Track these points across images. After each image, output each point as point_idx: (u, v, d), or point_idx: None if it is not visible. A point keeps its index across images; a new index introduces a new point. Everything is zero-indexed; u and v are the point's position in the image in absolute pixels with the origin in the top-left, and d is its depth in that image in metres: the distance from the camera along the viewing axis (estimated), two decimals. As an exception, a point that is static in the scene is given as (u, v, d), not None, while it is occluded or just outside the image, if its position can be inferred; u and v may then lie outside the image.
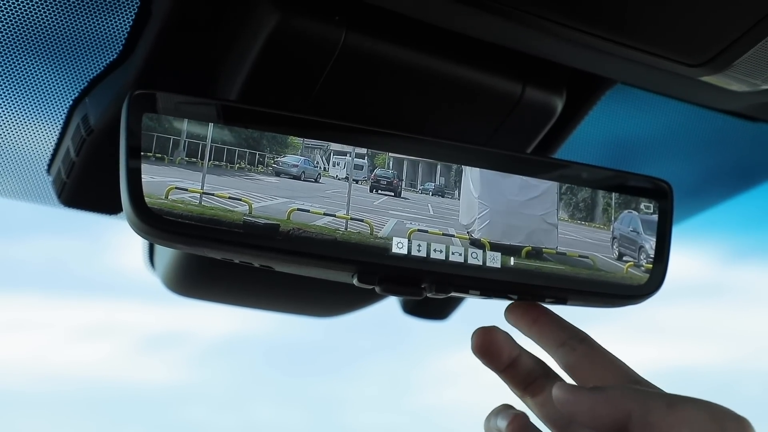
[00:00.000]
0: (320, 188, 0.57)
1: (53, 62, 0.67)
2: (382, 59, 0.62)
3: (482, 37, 0.63)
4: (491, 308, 0.65)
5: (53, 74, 0.68)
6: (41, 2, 0.62)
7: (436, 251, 0.57)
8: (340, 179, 0.58)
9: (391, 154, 0.59)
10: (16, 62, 0.67)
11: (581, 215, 0.62)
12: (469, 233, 0.59)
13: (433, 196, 0.60)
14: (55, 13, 0.63)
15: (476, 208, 0.59)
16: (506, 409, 0.56)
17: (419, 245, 0.57)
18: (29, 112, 0.72)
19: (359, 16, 0.60)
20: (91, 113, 0.68)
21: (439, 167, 0.60)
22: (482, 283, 0.58)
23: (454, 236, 0.58)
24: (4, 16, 0.62)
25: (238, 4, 0.61)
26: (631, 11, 0.58)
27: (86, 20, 0.64)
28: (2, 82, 0.68)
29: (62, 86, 0.69)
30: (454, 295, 0.59)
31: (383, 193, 0.58)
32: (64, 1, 0.62)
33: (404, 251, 0.56)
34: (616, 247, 0.62)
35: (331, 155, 0.58)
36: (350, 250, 0.55)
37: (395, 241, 0.56)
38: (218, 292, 0.90)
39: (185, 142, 0.54)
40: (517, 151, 0.69)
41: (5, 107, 0.71)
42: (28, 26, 0.63)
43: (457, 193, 0.60)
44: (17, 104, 0.71)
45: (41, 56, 0.66)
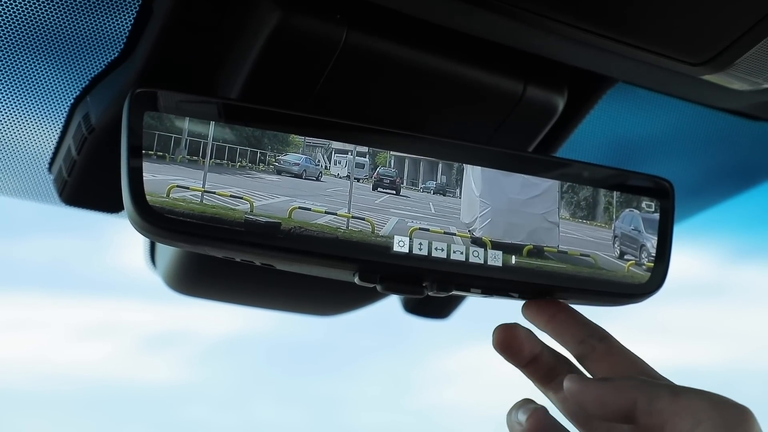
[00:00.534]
0: (321, 187, 0.57)
1: (55, 60, 0.67)
2: (383, 58, 0.62)
3: (484, 35, 0.63)
4: (492, 307, 0.65)
5: (55, 72, 0.68)
6: (43, 0, 0.62)
7: (437, 250, 0.57)
8: (341, 178, 0.58)
9: (392, 152, 0.59)
10: (17, 60, 0.67)
11: (582, 214, 0.62)
12: (470, 231, 0.59)
13: (434, 194, 0.60)
14: (56, 11, 0.63)
15: (477, 206, 0.59)
16: (527, 403, 0.56)
17: (420, 244, 0.57)
18: (30, 110, 0.72)
19: (360, 14, 0.60)
20: (92, 111, 0.68)
21: (440, 166, 0.60)
22: (483, 281, 0.58)
23: (455, 235, 0.58)
24: (5, 14, 0.62)
25: (239, 2, 0.61)
26: (632, 9, 0.58)
27: (88, 18, 0.64)
28: (4, 80, 0.68)
29: (64, 84, 0.69)
30: (455, 293, 0.59)
31: (383, 191, 0.58)
32: (65, -1, 0.62)
33: (405, 250, 0.56)
34: (617, 245, 0.62)
35: (332, 153, 0.58)
36: (351, 248, 0.55)
37: (396, 239, 0.56)
38: (219, 290, 0.90)
39: (186, 140, 0.54)
40: (518, 149, 0.69)
41: (7, 105, 0.71)
42: (29, 24, 0.63)
43: (458, 191, 0.60)
44: (19, 102, 0.71)
45: (43, 54, 0.66)
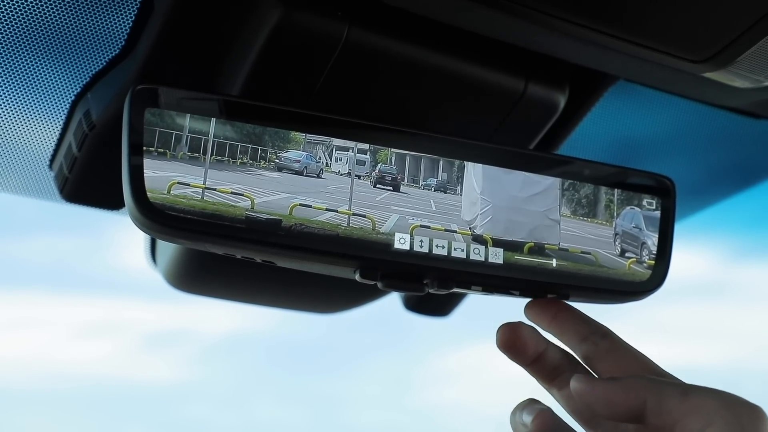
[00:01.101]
0: (322, 184, 0.57)
1: (55, 57, 0.67)
2: (384, 55, 0.62)
3: (485, 33, 0.63)
4: (493, 305, 0.65)
5: (55, 69, 0.68)
6: (44, -3, 0.62)
7: (438, 247, 0.57)
8: (342, 175, 0.58)
9: (393, 149, 0.59)
10: (18, 57, 0.67)
11: (584, 211, 0.62)
12: (471, 229, 0.59)
13: (435, 191, 0.60)
14: (57, 8, 0.63)
15: (478, 203, 0.59)
16: (532, 403, 0.55)
17: (421, 241, 0.57)
18: (31, 107, 0.72)
19: (362, 11, 0.60)
20: (93, 108, 0.68)
21: (441, 163, 0.60)
22: (484, 279, 0.58)
23: (456, 232, 0.58)
24: (6, 11, 0.62)
25: (240, -1, 0.61)
26: (634, 7, 0.58)
27: (89, 15, 0.64)
28: (4, 77, 0.68)
29: (64, 81, 0.69)
30: (456, 291, 0.58)
31: (382, 188, 0.58)
32: (66, -4, 0.62)
33: (406, 247, 0.56)
34: (618, 243, 0.62)
35: (333, 151, 0.58)
36: (352, 245, 0.55)
37: (397, 236, 0.56)
38: (220, 287, 0.90)
39: (187, 137, 0.54)
40: (519, 147, 0.69)
41: (7, 102, 0.71)
42: (30, 21, 0.63)
43: (459, 188, 0.60)
44: (19, 99, 0.71)
45: (43, 51, 0.66)
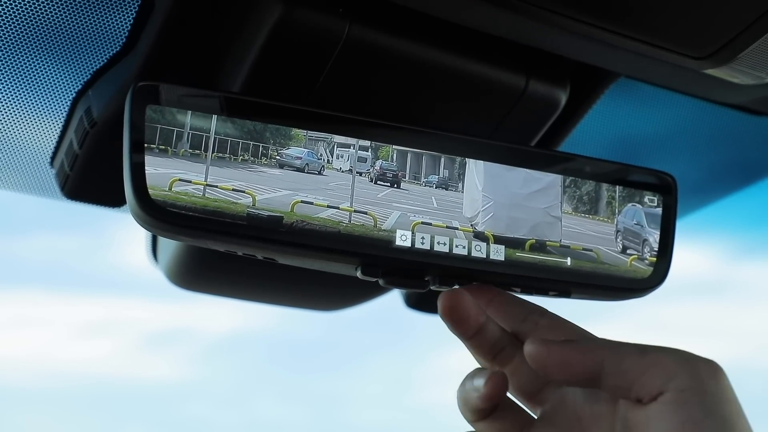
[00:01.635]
0: (324, 180, 0.57)
1: (56, 54, 0.67)
2: (385, 51, 0.62)
3: (486, 29, 0.63)
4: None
5: (56, 66, 0.68)
6: (45, -6, 0.62)
7: (439, 244, 0.57)
8: (343, 172, 0.58)
9: (394, 146, 0.59)
10: (19, 55, 0.67)
11: (585, 208, 0.62)
12: (472, 226, 0.59)
13: (436, 188, 0.60)
14: (58, 5, 0.63)
15: (480, 200, 0.59)
16: (482, 370, 0.54)
17: (423, 238, 0.57)
18: (32, 104, 0.71)
19: (363, 8, 0.60)
20: (94, 105, 0.68)
21: (442, 160, 0.60)
22: (486, 275, 0.58)
23: (457, 229, 0.58)
24: (7, 8, 0.62)
25: (241, -4, 0.61)
26: (635, 3, 0.58)
27: (90, 12, 0.64)
28: (6, 74, 0.68)
29: (65, 78, 0.69)
30: (457, 288, 0.58)
31: (382, 184, 0.58)
32: (67, -7, 0.62)
33: (408, 244, 0.56)
34: (620, 240, 0.62)
35: (334, 147, 0.58)
36: (354, 242, 0.55)
37: (399, 233, 0.56)
38: (221, 285, 0.90)
39: (188, 133, 0.54)
40: (520, 144, 0.69)
41: (8, 100, 0.71)
42: (32, 19, 0.63)
43: (461, 185, 0.60)
44: (20, 97, 0.71)
45: (44, 48, 0.66)
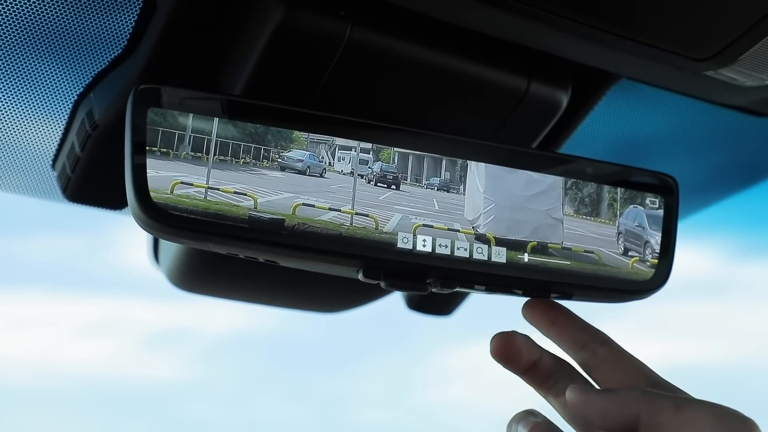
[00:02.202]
0: (325, 183, 0.57)
1: (58, 57, 0.67)
2: (387, 54, 0.62)
3: (487, 31, 0.63)
4: (495, 304, 0.65)
5: (58, 69, 0.68)
6: (46, -3, 0.62)
7: (441, 246, 0.57)
8: (345, 174, 0.58)
9: (396, 149, 0.59)
10: (21, 57, 0.67)
11: (587, 210, 0.62)
12: (474, 228, 0.59)
13: (438, 191, 0.59)
14: (60, 8, 0.63)
15: (481, 203, 0.59)
16: (527, 415, 0.55)
17: (424, 240, 0.57)
18: (34, 107, 0.72)
19: (364, 10, 0.60)
20: (96, 108, 0.68)
21: (444, 162, 0.60)
22: (487, 278, 0.58)
23: (459, 231, 0.58)
24: (9, 11, 0.62)
25: (243, -2, 0.61)
26: (637, 5, 0.58)
27: (91, 15, 0.64)
28: (7, 77, 0.68)
29: (67, 81, 0.69)
30: (458, 290, 0.58)
31: (382, 186, 0.58)
32: (69, -4, 0.62)
33: (409, 246, 0.56)
34: (621, 242, 0.62)
35: (336, 150, 0.58)
36: (355, 245, 0.55)
37: (400, 236, 0.56)
38: (223, 287, 0.90)
39: (190, 136, 0.54)
40: (522, 145, 0.69)
41: (10, 102, 0.71)
42: (33, 22, 0.63)
43: (462, 188, 0.60)
44: (22, 99, 0.71)
45: (46, 51, 0.66)
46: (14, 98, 0.71)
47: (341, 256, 0.55)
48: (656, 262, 0.62)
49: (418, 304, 1.01)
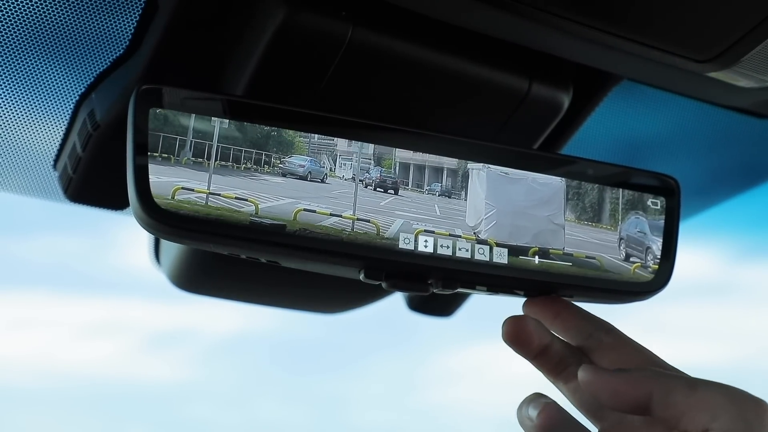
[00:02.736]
0: (326, 189, 0.57)
1: (60, 57, 0.67)
2: (388, 55, 0.62)
3: (489, 32, 0.63)
4: (496, 305, 0.65)
5: (60, 69, 0.68)
6: (48, -2, 0.62)
7: (443, 247, 0.57)
8: (346, 180, 0.58)
9: (397, 150, 0.59)
10: (23, 57, 0.67)
11: (588, 216, 0.62)
12: (475, 234, 0.58)
13: (439, 196, 0.59)
14: (62, 8, 0.63)
15: (483, 208, 0.59)
16: (538, 398, 0.55)
17: (426, 241, 0.57)
18: (36, 107, 0.72)
19: (366, 11, 0.60)
20: (97, 108, 0.68)
21: (445, 169, 0.60)
22: (489, 279, 0.58)
23: (460, 237, 0.58)
24: (11, 11, 0.62)
25: (244, -1, 0.61)
26: (638, 6, 0.58)
27: (93, 15, 0.64)
28: (9, 77, 0.68)
29: (69, 81, 0.69)
30: (460, 291, 0.58)
31: (382, 191, 0.58)
32: (70, -4, 0.62)
33: (411, 247, 0.56)
34: (623, 248, 0.62)
35: (337, 156, 0.58)
36: (357, 248, 0.55)
37: (402, 236, 0.56)
38: (224, 288, 0.90)
39: (191, 141, 0.54)
40: (523, 146, 0.69)
41: (12, 103, 0.71)
42: (35, 21, 0.63)
43: (464, 194, 0.59)
44: (24, 100, 0.71)
45: (48, 51, 0.66)
46: (16, 98, 0.71)
47: (343, 256, 0.55)
48: (657, 268, 0.62)
49: (419, 304, 1.01)
